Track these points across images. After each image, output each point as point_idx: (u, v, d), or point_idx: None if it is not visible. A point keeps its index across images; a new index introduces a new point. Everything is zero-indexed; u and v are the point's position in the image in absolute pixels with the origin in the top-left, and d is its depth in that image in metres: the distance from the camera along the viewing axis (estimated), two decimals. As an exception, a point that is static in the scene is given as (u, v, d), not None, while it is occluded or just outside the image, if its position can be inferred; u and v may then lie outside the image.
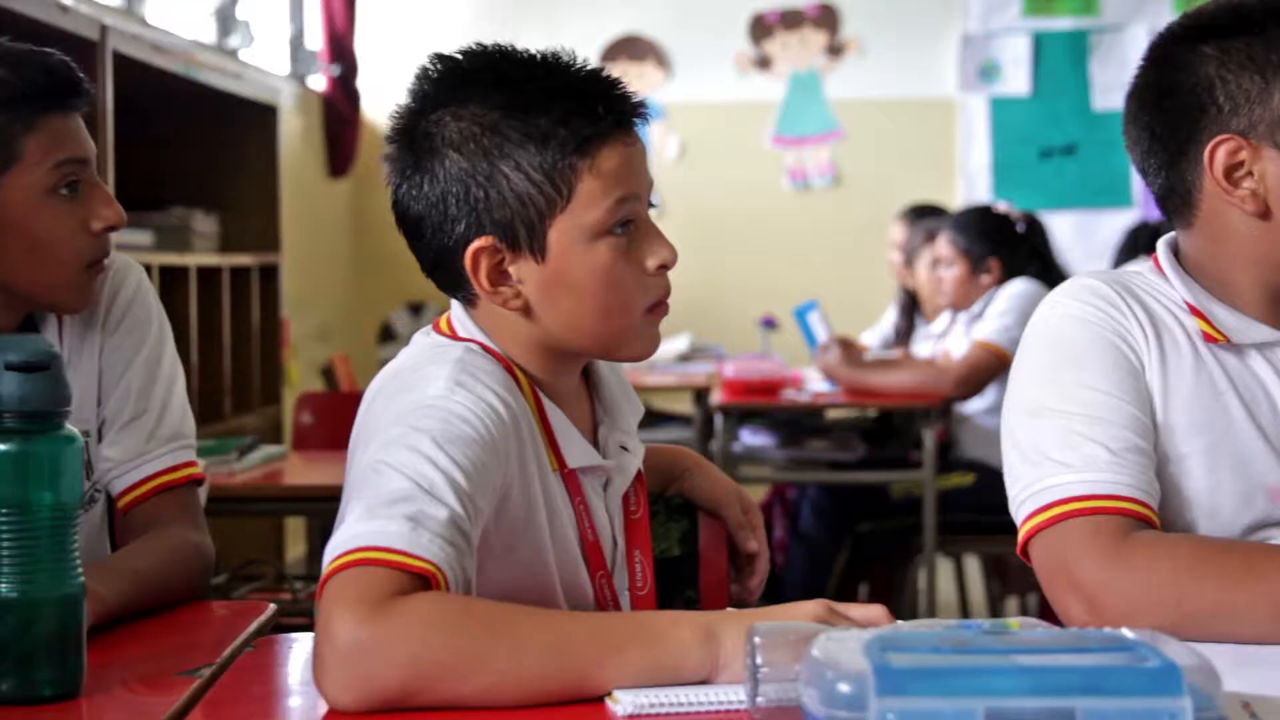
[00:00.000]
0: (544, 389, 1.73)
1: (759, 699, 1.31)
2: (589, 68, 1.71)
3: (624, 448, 1.82)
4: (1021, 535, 1.76)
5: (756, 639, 1.32)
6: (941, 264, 5.13)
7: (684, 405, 6.34)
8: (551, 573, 1.70)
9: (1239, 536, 1.78)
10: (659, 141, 7.79)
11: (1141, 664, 1.18)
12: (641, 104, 1.73)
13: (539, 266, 1.68)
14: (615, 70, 1.74)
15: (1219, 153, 1.80)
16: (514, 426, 1.64)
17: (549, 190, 1.65)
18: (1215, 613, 1.63)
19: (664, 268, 1.71)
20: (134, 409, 2.07)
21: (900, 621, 1.45)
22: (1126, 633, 1.26)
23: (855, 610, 1.48)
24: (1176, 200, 1.86)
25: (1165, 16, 7.51)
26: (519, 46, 1.72)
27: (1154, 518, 1.72)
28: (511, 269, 1.68)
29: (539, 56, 1.70)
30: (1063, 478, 1.73)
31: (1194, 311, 1.83)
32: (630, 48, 7.83)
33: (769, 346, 6.16)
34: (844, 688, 1.15)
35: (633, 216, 1.69)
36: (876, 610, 1.48)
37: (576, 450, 1.73)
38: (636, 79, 7.64)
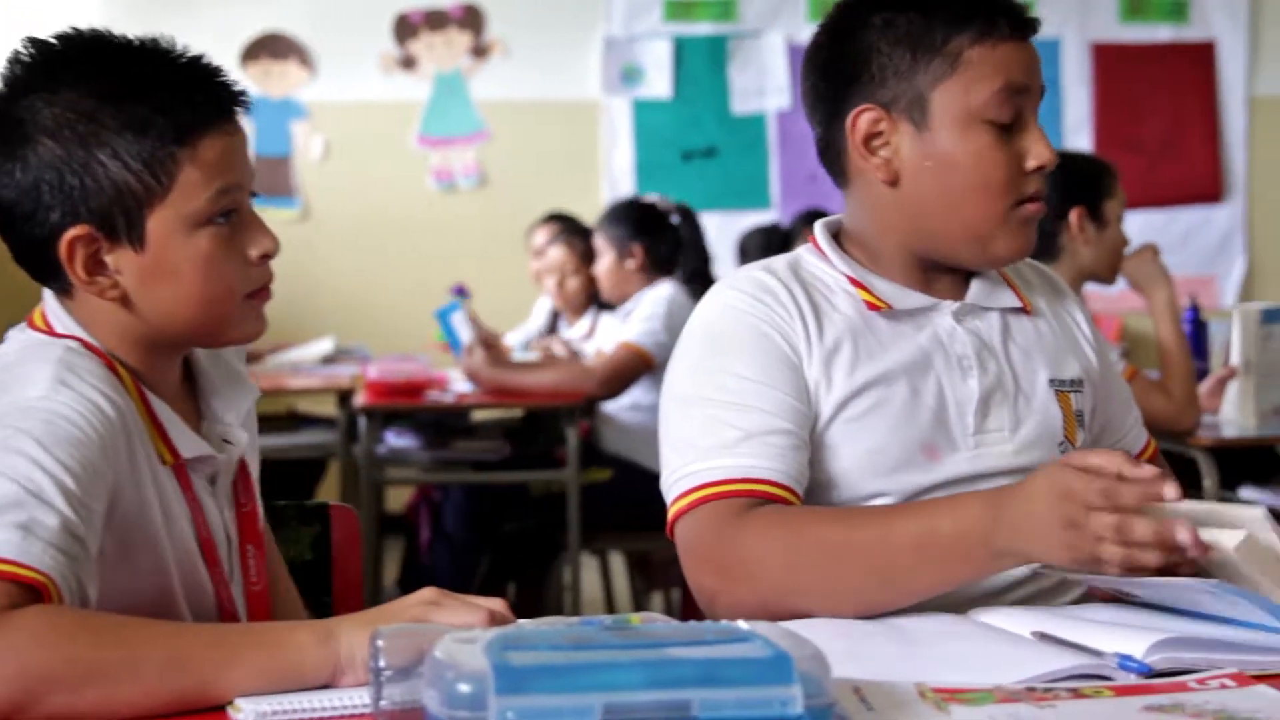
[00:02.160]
0: (146, 383, 1.70)
1: (382, 701, 1.31)
2: (189, 56, 1.69)
3: (227, 441, 1.79)
4: (669, 520, 1.82)
5: (379, 641, 1.32)
6: (597, 259, 5.23)
7: (328, 408, 6.27)
8: (170, 572, 1.67)
9: (905, 495, 1.85)
10: (303, 141, 7.67)
11: (754, 654, 1.21)
12: (243, 93, 1.72)
13: (137, 256, 1.65)
14: (257, 69, 1.72)
15: (861, 120, 1.89)
16: (121, 424, 1.60)
17: (148, 179, 1.62)
18: (818, 589, 1.70)
19: (266, 257, 1.71)
20: None
21: (524, 620, 1.46)
22: (742, 624, 1.30)
23: (468, 600, 1.48)
24: (831, 158, 1.96)
25: (801, 24, 7.74)
26: (115, 32, 1.69)
27: (790, 497, 1.79)
28: (109, 258, 1.65)
29: (137, 43, 1.67)
30: (703, 463, 1.80)
31: (855, 284, 1.92)
32: (272, 46, 7.67)
33: (413, 348, 6.12)
34: (464, 688, 1.16)
35: (234, 206, 1.68)
36: (493, 602, 1.48)
37: (186, 441, 1.70)
38: (279, 78, 7.52)
